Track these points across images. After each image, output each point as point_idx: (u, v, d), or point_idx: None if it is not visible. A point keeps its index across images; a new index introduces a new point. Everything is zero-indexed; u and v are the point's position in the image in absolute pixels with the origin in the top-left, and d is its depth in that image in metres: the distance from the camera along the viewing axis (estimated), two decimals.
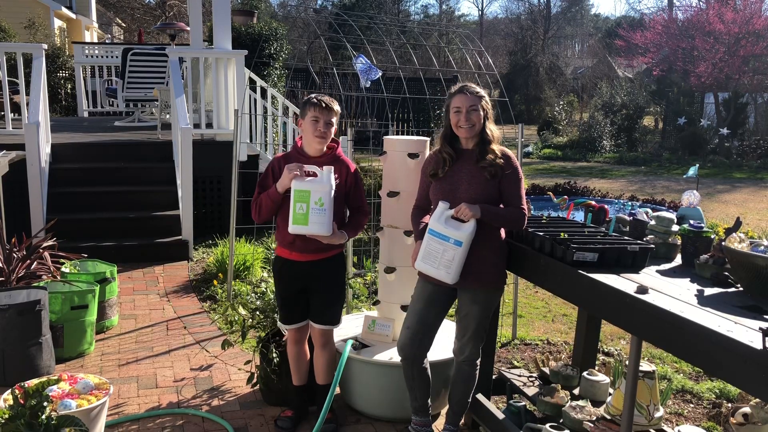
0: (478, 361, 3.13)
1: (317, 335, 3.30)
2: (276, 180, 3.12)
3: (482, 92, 2.98)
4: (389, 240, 3.60)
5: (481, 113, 2.95)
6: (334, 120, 3.12)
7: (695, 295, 2.29)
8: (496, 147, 2.96)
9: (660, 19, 21.04)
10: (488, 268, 2.97)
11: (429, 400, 3.17)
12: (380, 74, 4.73)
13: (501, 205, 2.97)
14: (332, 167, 3.09)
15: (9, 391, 2.84)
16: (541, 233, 2.85)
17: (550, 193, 5.28)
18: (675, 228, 2.86)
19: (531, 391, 3.36)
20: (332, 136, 3.17)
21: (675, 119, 18.25)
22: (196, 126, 7.40)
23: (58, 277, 4.43)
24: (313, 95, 3.12)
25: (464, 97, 2.93)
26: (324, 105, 3.08)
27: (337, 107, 3.14)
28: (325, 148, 3.18)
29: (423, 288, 3.10)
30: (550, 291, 2.89)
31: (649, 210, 3.12)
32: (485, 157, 2.92)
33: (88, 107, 11.82)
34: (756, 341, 1.83)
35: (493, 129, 2.98)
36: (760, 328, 1.84)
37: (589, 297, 2.53)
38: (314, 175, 3.03)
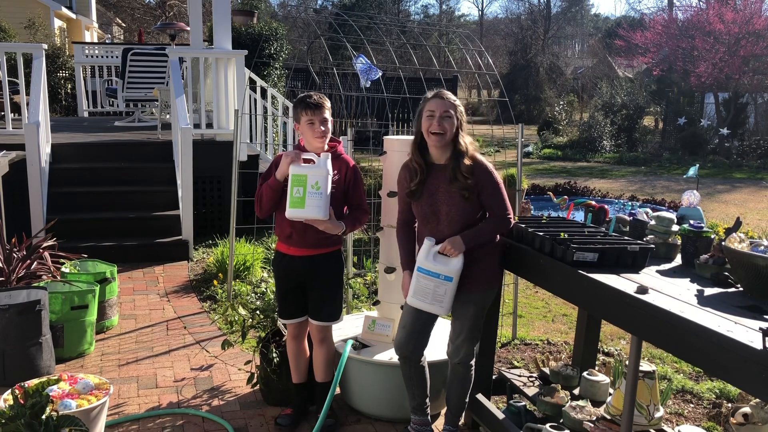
0: (473, 362, 3.12)
1: (314, 331, 3.31)
2: None
3: (458, 101, 2.92)
4: (389, 240, 3.59)
5: (455, 122, 2.88)
6: (328, 115, 3.14)
7: (695, 295, 2.29)
8: (467, 160, 2.89)
9: (660, 19, 21.03)
10: (482, 268, 2.96)
11: (427, 400, 3.17)
12: (380, 74, 4.73)
13: (487, 214, 2.97)
14: (329, 154, 3.11)
15: (9, 391, 2.85)
16: (541, 233, 2.84)
17: (550, 193, 5.28)
18: (675, 228, 2.86)
19: (531, 391, 3.36)
20: (330, 130, 3.18)
21: (675, 119, 18.25)
22: (196, 126, 7.41)
23: (58, 277, 4.43)
24: (301, 96, 3.12)
25: (439, 101, 2.87)
26: (315, 105, 3.08)
27: (327, 102, 3.14)
28: (326, 146, 3.19)
29: None
30: (550, 291, 2.89)
31: (649, 210, 3.12)
32: (457, 178, 2.87)
33: (88, 107, 11.82)
34: (756, 341, 1.83)
35: (466, 141, 2.92)
36: (760, 328, 1.84)
37: (589, 297, 2.53)
38: (312, 162, 3.05)
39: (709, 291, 2.34)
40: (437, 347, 3.46)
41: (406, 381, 3.13)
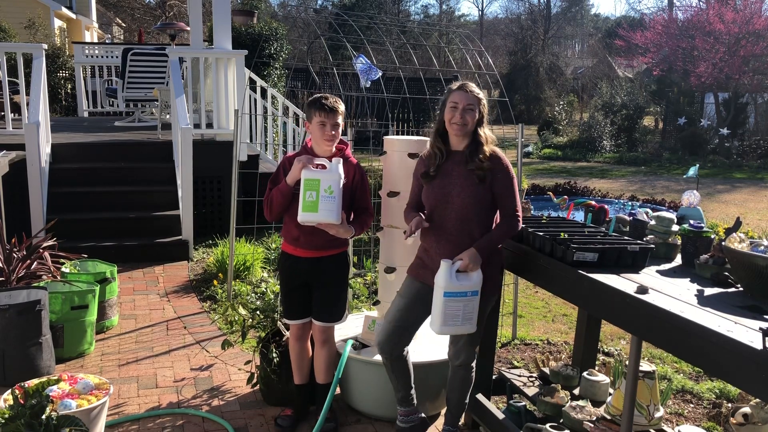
0: (474, 363, 3.12)
1: (317, 332, 3.31)
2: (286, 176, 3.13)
3: (481, 95, 2.95)
4: (389, 240, 3.60)
5: (476, 115, 2.91)
6: (340, 120, 3.15)
7: (695, 295, 2.29)
8: (487, 148, 2.91)
9: (660, 19, 21.03)
10: (486, 276, 2.94)
11: (412, 391, 3.14)
12: (380, 74, 4.72)
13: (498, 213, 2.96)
14: (341, 159, 3.11)
15: (9, 391, 2.85)
16: (541, 233, 2.84)
17: (550, 193, 5.29)
18: (675, 228, 2.86)
19: (531, 391, 3.36)
20: (340, 135, 3.20)
21: (675, 119, 18.26)
22: (196, 126, 7.40)
23: (58, 277, 4.43)
24: (317, 97, 3.12)
25: (464, 95, 2.89)
26: (330, 108, 3.09)
27: (342, 107, 3.16)
28: (334, 149, 3.20)
29: (410, 285, 3.06)
30: (550, 291, 2.89)
31: (649, 210, 3.12)
32: (474, 159, 2.88)
33: (88, 107, 11.82)
34: (756, 341, 1.83)
35: (486, 133, 2.94)
36: (760, 328, 1.84)
37: (589, 297, 2.53)
38: (323, 167, 3.06)
39: (709, 291, 2.34)
40: (436, 347, 3.47)
41: (388, 374, 3.11)
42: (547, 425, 2.89)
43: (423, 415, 3.23)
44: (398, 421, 3.17)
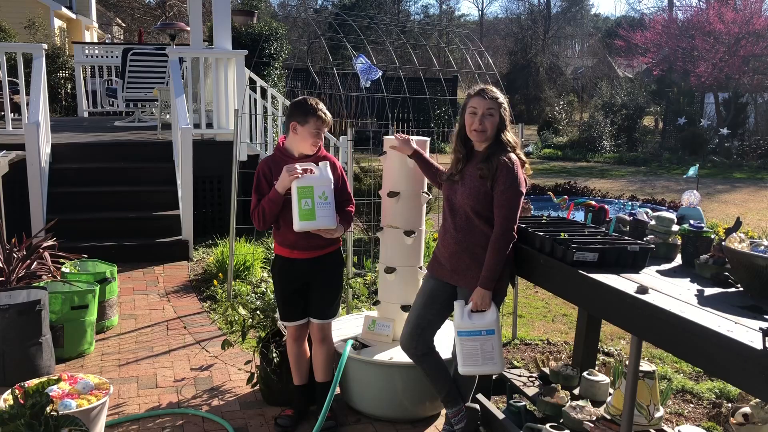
0: None
1: (316, 330, 3.33)
2: (269, 184, 3.13)
3: (502, 98, 2.89)
4: (389, 240, 3.60)
5: (497, 119, 2.86)
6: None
7: (695, 295, 2.29)
8: (510, 154, 2.87)
9: (660, 19, 21.04)
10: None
11: (454, 389, 3.10)
12: (380, 74, 4.74)
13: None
14: (327, 162, 3.15)
15: (9, 391, 2.85)
16: (541, 233, 2.84)
17: (550, 193, 5.29)
18: (675, 228, 2.86)
19: (531, 391, 3.36)
20: None
21: (675, 119, 18.24)
22: (196, 126, 7.40)
23: (58, 277, 4.43)
24: (311, 104, 3.14)
25: (482, 100, 2.85)
26: (326, 118, 3.15)
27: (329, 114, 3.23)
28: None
29: (426, 282, 3.14)
30: (550, 291, 2.89)
31: (649, 210, 3.12)
32: (489, 161, 2.85)
33: (88, 107, 11.81)
34: (756, 341, 1.83)
35: (509, 137, 2.90)
36: (760, 328, 1.84)
37: (589, 297, 2.53)
38: (311, 171, 3.06)
39: (709, 291, 2.33)
40: (441, 347, 3.46)
41: (423, 377, 3.15)
42: (547, 425, 2.89)
43: (468, 404, 3.15)
44: (448, 424, 3.14)
